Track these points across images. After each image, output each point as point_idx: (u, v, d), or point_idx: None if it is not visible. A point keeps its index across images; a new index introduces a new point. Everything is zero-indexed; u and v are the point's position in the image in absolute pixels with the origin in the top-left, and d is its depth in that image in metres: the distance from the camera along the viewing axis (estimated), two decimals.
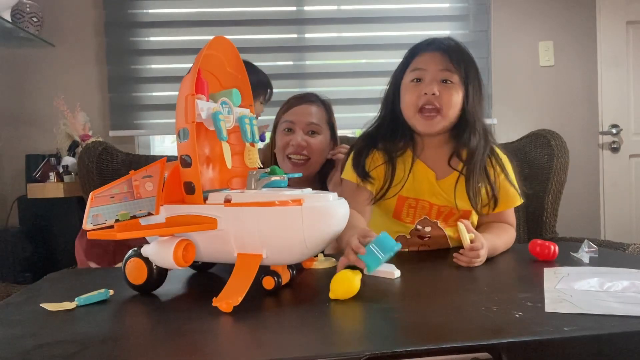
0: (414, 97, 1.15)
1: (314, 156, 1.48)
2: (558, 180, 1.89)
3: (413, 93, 1.15)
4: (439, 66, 1.14)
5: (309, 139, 1.47)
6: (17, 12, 2.35)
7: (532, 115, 2.71)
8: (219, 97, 0.89)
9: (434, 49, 1.16)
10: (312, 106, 1.50)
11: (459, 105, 1.15)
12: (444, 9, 2.76)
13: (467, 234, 0.99)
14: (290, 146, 1.46)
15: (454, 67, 1.13)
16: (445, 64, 1.14)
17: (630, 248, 1.58)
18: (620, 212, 2.80)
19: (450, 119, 1.15)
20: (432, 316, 0.70)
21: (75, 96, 2.42)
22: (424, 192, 1.20)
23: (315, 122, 1.48)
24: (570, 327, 0.61)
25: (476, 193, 1.16)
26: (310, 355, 0.57)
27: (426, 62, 1.15)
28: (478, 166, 1.16)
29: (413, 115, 1.16)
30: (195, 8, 2.66)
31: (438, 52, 1.15)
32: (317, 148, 1.48)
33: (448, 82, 1.14)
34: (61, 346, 0.61)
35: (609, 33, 2.76)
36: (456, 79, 1.14)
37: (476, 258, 0.98)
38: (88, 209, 0.73)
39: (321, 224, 0.79)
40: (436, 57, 1.15)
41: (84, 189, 1.80)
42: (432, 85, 1.13)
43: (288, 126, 1.49)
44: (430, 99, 1.12)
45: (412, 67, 1.17)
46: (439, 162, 1.20)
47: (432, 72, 1.14)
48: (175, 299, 0.84)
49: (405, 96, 1.17)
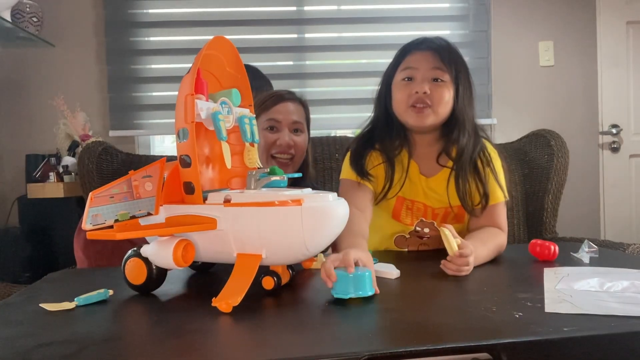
0: (405, 96, 1.15)
1: (298, 155, 1.45)
2: (558, 180, 1.89)
3: (404, 91, 1.15)
4: (430, 65, 1.14)
5: (295, 137, 1.44)
6: (17, 12, 2.35)
7: (532, 115, 2.71)
8: (219, 97, 0.88)
9: (425, 48, 1.17)
10: (294, 104, 1.47)
11: (450, 104, 1.15)
12: (444, 9, 2.76)
13: (454, 239, 0.95)
14: (276, 145, 1.41)
15: (444, 66, 1.14)
16: (436, 63, 1.14)
17: (630, 248, 1.58)
18: (620, 212, 2.80)
19: (441, 115, 1.15)
20: (431, 316, 0.70)
21: (75, 96, 2.43)
22: (419, 194, 1.20)
23: (298, 120, 1.45)
24: (570, 328, 0.61)
25: (466, 192, 1.16)
26: (310, 356, 0.57)
27: (417, 61, 1.16)
28: (467, 164, 1.16)
29: (405, 110, 1.16)
30: (195, 8, 2.66)
31: (429, 52, 1.16)
32: (302, 147, 1.45)
33: (439, 80, 1.14)
34: (61, 346, 0.61)
35: (609, 33, 2.76)
36: (447, 78, 1.14)
37: (465, 266, 0.92)
38: (87, 209, 0.73)
39: (321, 224, 0.79)
40: (427, 56, 1.15)
41: (84, 189, 1.80)
42: (423, 84, 1.13)
43: (272, 124, 1.43)
44: (422, 97, 1.13)
45: (404, 66, 1.18)
46: (429, 160, 1.21)
47: (423, 71, 1.14)
48: (175, 299, 0.84)
49: (397, 94, 1.18)
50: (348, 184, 1.21)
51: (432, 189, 1.20)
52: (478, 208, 1.18)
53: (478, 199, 1.17)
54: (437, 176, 1.20)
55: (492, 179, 1.18)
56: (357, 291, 0.77)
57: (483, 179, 1.17)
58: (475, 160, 1.18)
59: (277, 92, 1.49)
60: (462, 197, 1.16)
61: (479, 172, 1.18)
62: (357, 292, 0.77)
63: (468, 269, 0.93)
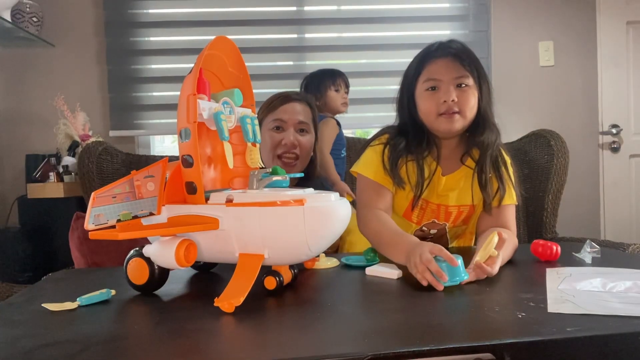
0: (433, 105, 1.14)
1: (303, 155, 1.46)
2: (558, 181, 1.89)
3: (431, 101, 1.15)
4: (453, 72, 1.14)
5: (300, 137, 1.45)
6: (17, 12, 2.35)
7: (532, 115, 2.71)
8: (221, 97, 0.89)
9: (444, 54, 1.16)
10: (300, 105, 1.48)
11: (476, 106, 1.16)
12: (444, 9, 2.76)
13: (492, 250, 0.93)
14: (282, 145, 1.43)
15: (467, 70, 1.14)
16: (458, 68, 1.14)
17: (630, 248, 1.58)
18: (620, 212, 2.80)
19: (469, 119, 1.16)
20: (434, 316, 0.70)
21: (75, 96, 2.42)
22: (433, 194, 1.21)
23: (304, 120, 1.46)
24: (572, 328, 0.61)
25: (488, 184, 1.17)
26: (313, 356, 0.57)
27: (439, 71, 1.15)
28: (489, 158, 1.18)
29: (435, 119, 1.15)
30: (195, 8, 2.66)
31: (448, 58, 1.15)
32: (307, 147, 1.46)
33: (463, 85, 1.14)
34: (63, 346, 0.61)
35: (609, 33, 2.76)
36: (471, 82, 1.15)
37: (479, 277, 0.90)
38: (90, 209, 0.73)
39: (323, 224, 0.79)
40: (448, 64, 1.15)
41: (84, 189, 1.80)
42: (449, 93, 1.13)
43: (278, 124, 1.45)
44: (450, 105, 1.13)
45: (426, 77, 1.16)
46: (451, 161, 1.21)
47: (447, 80, 1.14)
48: (177, 299, 0.84)
49: (424, 104, 1.17)
50: (372, 185, 1.20)
51: (449, 187, 1.20)
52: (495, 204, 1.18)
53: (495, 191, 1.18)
54: (455, 173, 1.21)
55: (508, 180, 1.20)
56: (462, 276, 0.85)
57: (502, 172, 1.19)
58: (496, 155, 1.20)
59: (284, 93, 1.51)
60: (485, 190, 1.17)
61: (499, 166, 1.19)
62: (462, 277, 0.85)
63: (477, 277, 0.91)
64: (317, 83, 2.07)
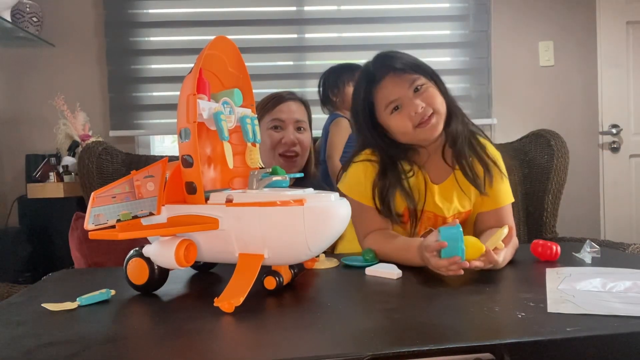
0: (407, 121, 1.12)
1: (303, 152, 1.48)
2: (558, 180, 1.89)
3: (402, 119, 1.13)
4: (405, 84, 1.12)
5: (299, 135, 1.47)
6: (17, 12, 2.35)
7: (532, 115, 2.71)
8: (221, 97, 0.88)
9: (384, 74, 1.14)
10: (295, 103, 1.50)
11: (441, 97, 1.14)
12: (444, 9, 2.76)
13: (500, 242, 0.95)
14: (282, 144, 1.45)
15: (414, 74, 1.13)
16: (405, 78, 1.12)
17: (630, 248, 1.58)
18: (620, 212, 2.80)
19: (443, 113, 1.14)
20: (433, 316, 0.70)
21: (75, 96, 2.43)
22: (429, 204, 1.19)
23: (301, 119, 1.48)
24: (572, 328, 0.61)
25: (474, 172, 1.16)
26: (312, 356, 0.57)
27: (393, 91, 1.13)
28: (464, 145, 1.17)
29: (413, 132, 1.13)
30: (195, 8, 2.67)
31: (390, 74, 1.13)
32: (306, 145, 1.48)
33: (420, 87, 1.13)
34: (63, 346, 0.61)
35: (609, 33, 2.76)
36: (423, 80, 1.13)
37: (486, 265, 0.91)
38: (90, 209, 0.73)
39: (323, 224, 0.78)
40: (395, 80, 1.13)
41: (84, 189, 1.80)
42: (414, 104, 1.11)
43: (276, 124, 1.46)
44: (422, 113, 1.11)
45: (384, 104, 1.14)
46: (436, 165, 1.20)
47: (404, 94, 1.12)
48: (177, 299, 0.84)
49: (397, 125, 1.14)
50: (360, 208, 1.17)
51: (443, 197, 1.18)
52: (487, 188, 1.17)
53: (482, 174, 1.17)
54: (446, 182, 1.19)
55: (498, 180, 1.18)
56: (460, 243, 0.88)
57: (482, 154, 1.18)
58: (470, 138, 1.19)
59: (277, 94, 1.52)
60: (472, 179, 1.16)
61: (475, 149, 1.18)
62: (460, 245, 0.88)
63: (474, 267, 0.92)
64: (334, 78, 2.00)
